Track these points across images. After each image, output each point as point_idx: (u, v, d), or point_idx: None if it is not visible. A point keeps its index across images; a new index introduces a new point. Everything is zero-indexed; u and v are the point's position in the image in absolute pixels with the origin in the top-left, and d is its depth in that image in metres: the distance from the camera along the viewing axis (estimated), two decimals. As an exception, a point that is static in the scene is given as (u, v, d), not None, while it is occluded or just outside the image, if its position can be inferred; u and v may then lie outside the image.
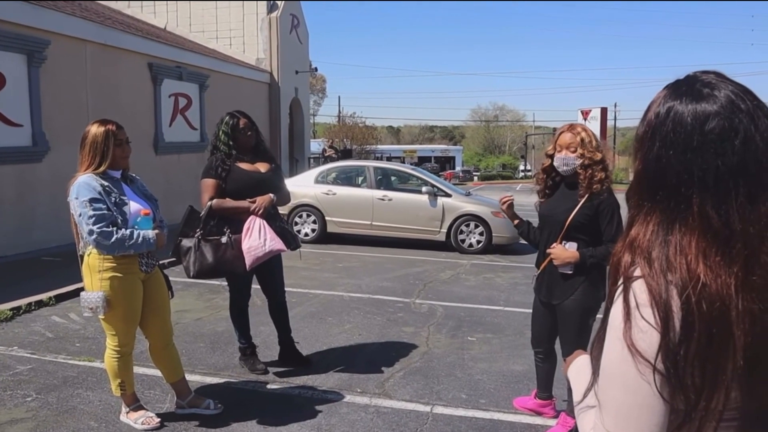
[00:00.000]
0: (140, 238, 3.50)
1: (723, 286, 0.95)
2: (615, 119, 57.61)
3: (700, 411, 0.96)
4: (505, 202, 3.88)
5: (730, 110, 1.00)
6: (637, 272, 1.01)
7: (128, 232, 3.48)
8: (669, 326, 0.95)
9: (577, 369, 1.28)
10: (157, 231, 3.61)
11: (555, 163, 3.57)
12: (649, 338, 0.96)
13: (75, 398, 4.16)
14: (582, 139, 3.49)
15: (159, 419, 3.77)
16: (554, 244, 3.59)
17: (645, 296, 0.98)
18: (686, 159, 1.00)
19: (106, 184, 3.52)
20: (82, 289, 3.62)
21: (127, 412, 3.79)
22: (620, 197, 3.58)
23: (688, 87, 1.05)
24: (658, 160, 1.03)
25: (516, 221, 3.96)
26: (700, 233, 0.98)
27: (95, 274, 3.51)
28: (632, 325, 0.98)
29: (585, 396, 1.12)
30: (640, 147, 1.08)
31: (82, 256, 3.60)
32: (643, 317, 0.97)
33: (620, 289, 1.03)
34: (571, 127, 3.59)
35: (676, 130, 1.02)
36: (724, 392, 0.96)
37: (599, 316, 3.78)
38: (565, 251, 3.54)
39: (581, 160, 3.47)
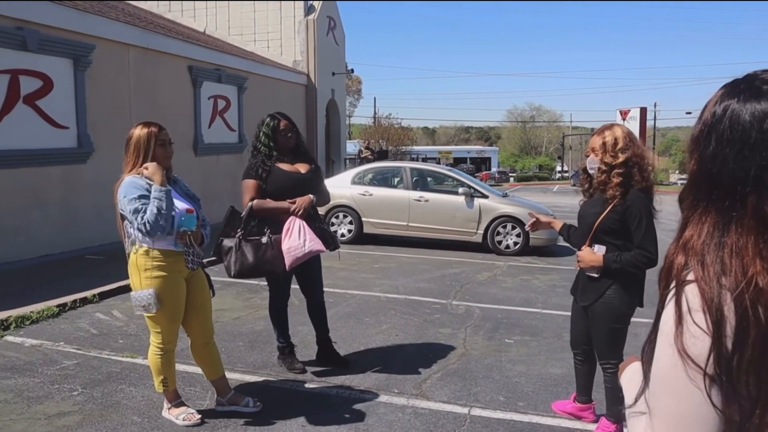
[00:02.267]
0: (156, 202, 3.48)
1: None
2: (654, 119, 56.58)
3: (754, 421, 0.92)
4: (532, 227, 3.95)
5: None
6: (690, 276, 0.98)
7: (155, 207, 3.46)
8: (722, 332, 0.92)
9: (630, 375, 1.25)
10: (166, 188, 3.57)
11: (586, 165, 3.60)
12: (701, 344, 0.93)
13: (119, 393, 4.26)
14: (604, 143, 3.46)
15: (200, 416, 3.83)
16: (583, 247, 3.61)
17: (697, 301, 0.95)
18: (743, 157, 0.97)
19: (151, 183, 3.60)
20: (126, 287, 3.71)
21: (169, 408, 3.87)
22: (663, 198, 3.55)
23: (746, 85, 1.02)
24: (714, 158, 1.00)
25: (558, 227, 3.94)
26: (756, 234, 0.95)
27: (142, 273, 3.59)
28: (684, 330, 0.95)
29: (636, 401, 1.09)
30: (695, 147, 1.05)
31: (129, 255, 3.69)
32: (695, 322, 0.94)
33: (672, 292, 1.00)
34: (602, 130, 3.57)
35: (734, 128, 0.98)
36: None
37: (636, 319, 3.74)
38: (590, 255, 3.53)
39: (599, 164, 3.46)
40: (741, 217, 0.97)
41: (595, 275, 3.55)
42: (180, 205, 3.68)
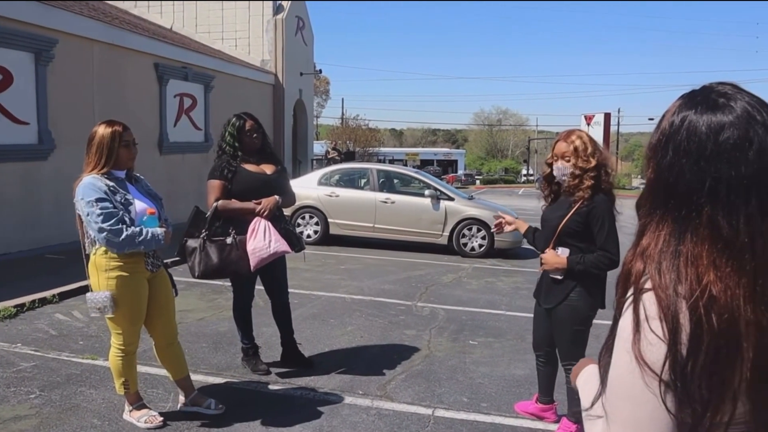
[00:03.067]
0: (149, 235, 3.53)
1: (732, 298, 0.94)
2: (618, 125, 57.62)
3: (705, 423, 0.95)
4: (499, 228, 3.97)
5: (745, 121, 0.98)
6: (648, 284, 1.00)
7: (137, 229, 3.51)
8: (677, 339, 0.94)
9: (585, 378, 1.27)
10: (164, 229, 3.64)
11: (554, 173, 3.62)
12: (657, 351, 0.95)
13: (78, 396, 4.18)
14: (575, 148, 3.50)
15: (162, 418, 3.79)
16: (547, 250, 3.64)
17: (654, 309, 0.97)
18: (699, 168, 0.99)
19: (111, 184, 3.54)
20: (87, 287, 3.65)
21: (130, 411, 3.81)
22: (625, 202, 3.62)
23: (703, 97, 1.04)
24: (671, 168, 1.02)
25: (523, 229, 3.98)
26: (710, 243, 0.97)
27: (101, 273, 3.54)
28: (641, 338, 0.97)
29: (593, 404, 1.11)
30: (653, 155, 1.07)
31: (88, 256, 3.63)
32: (652, 330, 0.96)
33: (630, 300, 1.02)
34: (567, 136, 3.60)
35: (690, 139, 1.01)
36: (731, 404, 0.95)
37: (599, 321, 3.81)
38: (554, 257, 3.58)
39: (572, 169, 3.50)
40: (696, 227, 0.99)
41: (559, 277, 3.60)
42: (141, 205, 3.64)
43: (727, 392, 0.94)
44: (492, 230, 4.15)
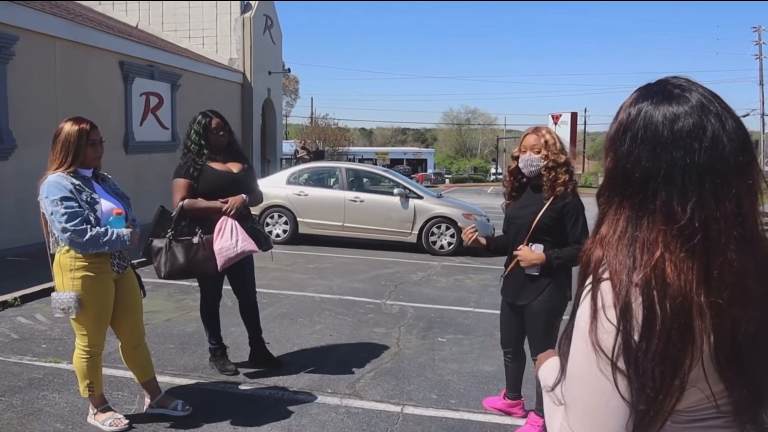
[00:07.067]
0: (114, 235, 3.47)
1: (685, 282, 0.97)
2: (585, 124, 58.44)
3: (657, 408, 0.98)
4: (470, 238, 3.87)
5: (699, 111, 1.02)
6: (606, 274, 1.02)
7: (102, 229, 3.45)
8: (630, 326, 0.97)
9: (548, 369, 1.30)
10: (130, 229, 3.59)
11: (520, 165, 3.63)
12: (612, 338, 0.98)
13: (40, 400, 4.10)
14: (546, 141, 3.54)
15: (127, 421, 3.73)
16: (521, 246, 3.65)
17: (610, 297, 1.00)
18: (655, 155, 1.02)
19: (77, 182, 3.48)
20: (52, 289, 3.58)
21: (95, 414, 3.75)
22: (589, 200, 3.68)
23: (659, 89, 1.08)
24: (628, 156, 1.06)
25: (485, 244, 3.96)
26: (665, 228, 1.00)
27: (66, 273, 3.47)
28: (597, 326, 0.99)
29: (554, 388, 1.13)
30: (611, 145, 1.10)
31: (52, 256, 3.55)
32: (607, 318, 0.99)
33: (588, 288, 1.04)
34: (536, 130, 3.65)
35: (647, 128, 1.04)
36: (682, 389, 0.97)
37: (566, 317, 3.86)
38: (531, 253, 3.60)
39: (545, 162, 3.53)
40: (652, 212, 1.02)
41: (536, 273, 3.62)
42: (108, 205, 3.58)
43: (680, 377, 0.97)
44: (466, 244, 4.03)
